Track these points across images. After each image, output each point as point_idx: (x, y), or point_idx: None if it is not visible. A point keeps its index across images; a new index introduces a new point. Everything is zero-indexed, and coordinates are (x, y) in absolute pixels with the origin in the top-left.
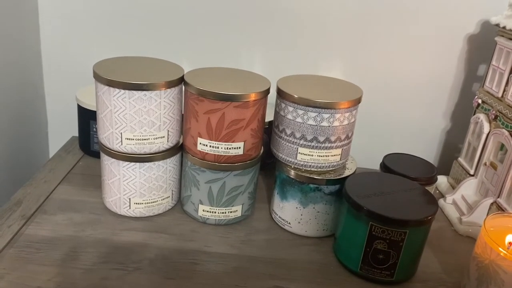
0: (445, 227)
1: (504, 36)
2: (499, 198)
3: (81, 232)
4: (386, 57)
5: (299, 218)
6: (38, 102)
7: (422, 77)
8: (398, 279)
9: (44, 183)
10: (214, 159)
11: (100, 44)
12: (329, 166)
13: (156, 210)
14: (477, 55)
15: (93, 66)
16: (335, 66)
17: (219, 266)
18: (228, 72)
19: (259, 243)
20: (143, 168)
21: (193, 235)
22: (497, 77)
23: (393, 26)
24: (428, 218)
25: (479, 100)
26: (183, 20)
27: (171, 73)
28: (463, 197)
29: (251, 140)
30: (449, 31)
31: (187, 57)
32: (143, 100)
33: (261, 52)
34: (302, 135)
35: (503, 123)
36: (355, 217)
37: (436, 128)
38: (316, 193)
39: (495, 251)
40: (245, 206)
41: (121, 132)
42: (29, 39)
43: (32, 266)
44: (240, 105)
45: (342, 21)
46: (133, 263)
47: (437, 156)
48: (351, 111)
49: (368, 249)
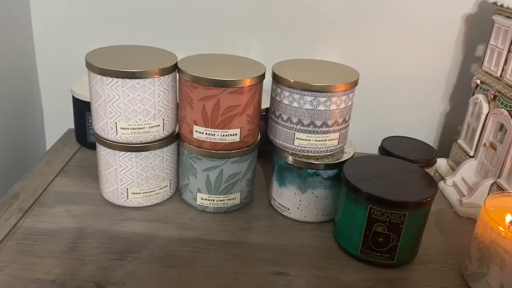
0: (445, 209)
1: (501, 15)
2: (499, 179)
3: (80, 223)
4: (383, 40)
5: (298, 203)
6: (34, 95)
7: (419, 60)
8: (399, 261)
9: (41, 175)
10: (211, 147)
11: (94, 35)
12: (327, 151)
13: (154, 199)
14: (475, 35)
15: (86, 55)
16: (332, 51)
17: (219, 253)
18: (222, 58)
19: (258, 230)
20: (139, 158)
21: (192, 224)
22: (495, 57)
23: (389, 8)
24: (428, 200)
25: (478, 81)
26: (176, 7)
27: (164, 61)
28: (463, 179)
29: (247, 126)
30: (446, 12)
31: (181, 45)
32: (136, 88)
33: (256, 38)
34: (299, 120)
35: (502, 102)
36: (354, 200)
37: (435, 110)
38: (314, 178)
39: (496, 231)
40: (243, 194)
41: (115, 122)
42: (22, 33)
43: (31, 258)
44: (235, 91)
45: (337, 4)
46: (132, 253)
47: (437, 138)
48: (347, 94)
49: (368, 233)
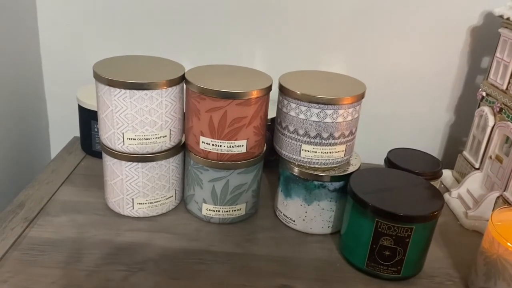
0: (451, 222)
1: (508, 28)
2: (505, 192)
3: (85, 233)
4: (389, 51)
5: (303, 215)
6: (39, 103)
7: (425, 71)
8: (405, 275)
9: (46, 184)
10: (217, 158)
11: (100, 44)
12: (333, 163)
13: (160, 209)
14: (480, 48)
15: (93, 66)
16: (338, 62)
17: (224, 265)
18: (229, 70)
19: (264, 242)
20: (145, 168)
21: (197, 235)
22: (501, 69)
23: (395, 19)
24: (434, 214)
25: (483, 93)
26: (183, 18)
27: (172, 72)
28: (468, 191)
29: (254, 137)
30: (452, 23)
31: (188, 56)
32: (144, 99)
33: (263, 49)
34: (306, 132)
35: (508, 115)
36: (360, 213)
37: (440, 122)
38: (320, 190)
39: (503, 246)
40: (249, 204)
41: (122, 132)
42: (28, 41)
43: (36, 269)
44: (242, 103)
45: (343, 15)
46: (137, 263)
47: (442, 150)
48: (354, 106)
49: (374, 246)
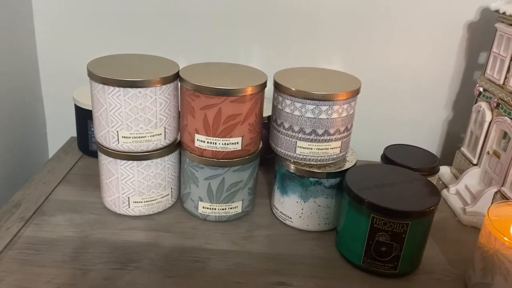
0: (449, 218)
1: (504, 22)
2: (503, 187)
3: (81, 232)
4: (385, 47)
5: (300, 212)
6: (36, 103)
7: (422, 67)
8: (402, 271)
9: (43, 184)
10: (212, 155)
11: (96, 43)
12: (329, 159)
13: (156, 208)
14: (477, 43)
15: (87, 64)
16: (334, 59)
17: (221, 263)
18: (224, 67)
19: (260, 239)
20: (141, 166)
21: (193, 233)
22: (498, 65)
23: (391, 15)
24: (431, 209)
25: (481, 88)
26: (178, 16)
27: (166, 69)
28: (466, 187)
29: (249, 135)
30: (449, 19)
31: (183, 54)
32: (138, 97)
33: (258, 47)
34: (301, 128)
35: (505, 110)
36: (357, 210)
37: (438, 118)
38: (316, 186)
39: (500, 241)
40: (245, 202)
41: (117, 131)
42: (24, 42)
43: (32, 268)
44: (237, 100)
45: (339, 12)
46: (133, 262)
47: (440, 146)
48: (349, 102)
49: (370, 242)
